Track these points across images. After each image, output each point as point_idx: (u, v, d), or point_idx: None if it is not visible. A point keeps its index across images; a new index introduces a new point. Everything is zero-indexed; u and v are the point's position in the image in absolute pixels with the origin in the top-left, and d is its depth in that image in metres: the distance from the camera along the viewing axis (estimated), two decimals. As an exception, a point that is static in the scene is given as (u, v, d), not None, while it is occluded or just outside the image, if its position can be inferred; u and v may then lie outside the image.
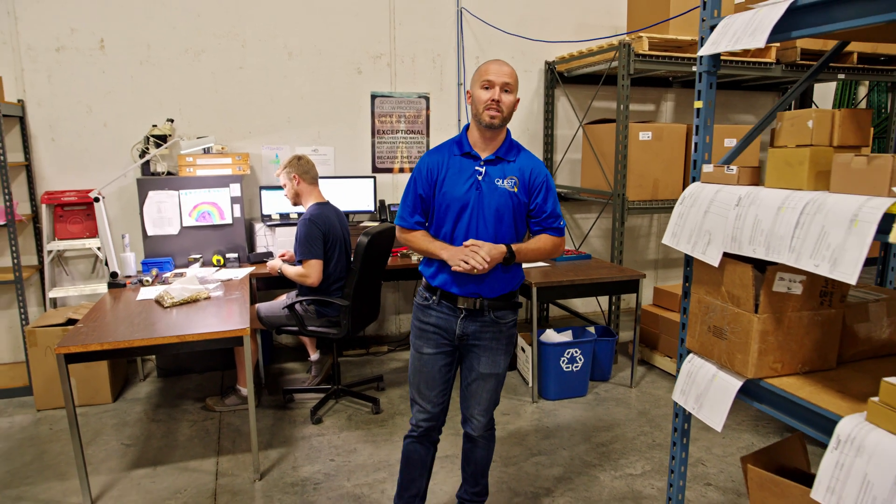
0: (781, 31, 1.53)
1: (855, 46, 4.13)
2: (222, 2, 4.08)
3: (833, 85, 5.87)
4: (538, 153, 4.87)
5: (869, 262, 1.33)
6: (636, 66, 3.91)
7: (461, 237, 2.05)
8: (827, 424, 1.46)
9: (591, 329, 3.96)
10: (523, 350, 3.83)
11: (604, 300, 4.94)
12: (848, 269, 1.30)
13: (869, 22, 1.36)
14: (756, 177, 1.66)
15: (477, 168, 2.06)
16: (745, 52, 4.11)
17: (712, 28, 1.77)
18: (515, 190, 2.06)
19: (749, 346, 1.64)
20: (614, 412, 3.51)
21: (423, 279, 2.19)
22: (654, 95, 5.19)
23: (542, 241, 2.12)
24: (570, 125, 4.91)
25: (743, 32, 1.56)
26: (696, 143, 1.87)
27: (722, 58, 4.08)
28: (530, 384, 3.68)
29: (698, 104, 1.82)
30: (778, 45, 4.15)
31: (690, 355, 1.88)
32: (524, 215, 2.11)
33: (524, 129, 4.85)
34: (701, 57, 1.78)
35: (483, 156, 2.07)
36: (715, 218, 1.68)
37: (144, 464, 2.96)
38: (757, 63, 4.17)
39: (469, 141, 2.09)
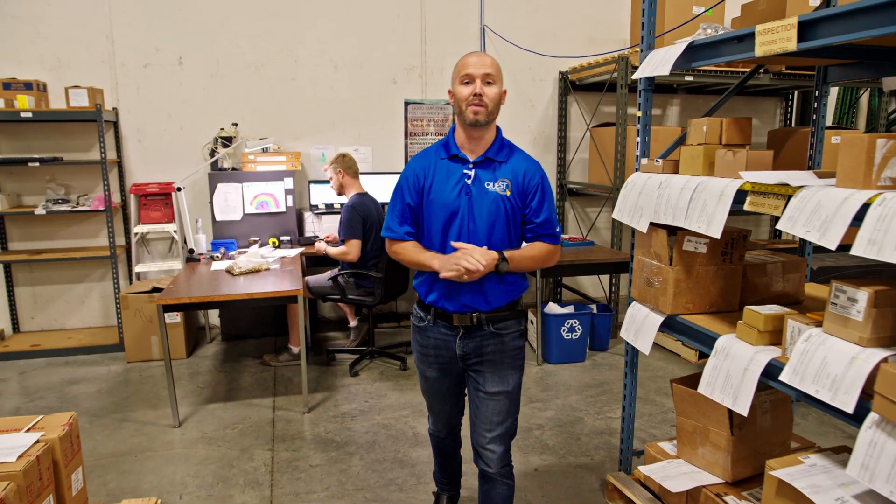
0: (686, 62, 2.13)
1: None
2: (279, 24, 4.82)
3: (835, 91, 6.28)
4: (552, 154, 5.47)
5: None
6: (634, 77, 4.47)
7: (451, 248, 1.91)
8: (713, 343, 2.05)
9: (593, 307, 4.55)
10: (532, 322, 4.44)
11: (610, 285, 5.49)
12: (715, 229, 1.89)
13: (743, 58, 1.95)
14: (675, 167, 2.26)
15: (465, 171, 1.93)
16: (736, 64, 4.62)
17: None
18: (507, 193, 1.92)
19: (667, 291, 2.23)
20: (607, 374, 4.09)
21: (417, 297, 2.09)
22: (659, 101, 5.72)
23: (537, 248, 1.99)
24: (581, 128, 5.49)
25: (658, 63, 2.16)
26: (637, 143, 2.47)
27: (718, 69, 4.66)
28: (536, 350, 4.29)
29: (638, 113, 2.42)
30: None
31: (633, 302, 2.48)
32: (518, 220, 1.97)
33: (540, 131, 5.44)
34: (639, 79, 2.38)
35: (471, 158, 1.94)
36: (645, 197, 2.27)
37: (216, 400, 3.69)
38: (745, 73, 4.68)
39: (456, 142, 1.96)
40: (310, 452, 3.05)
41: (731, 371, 1.90)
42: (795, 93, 5.95)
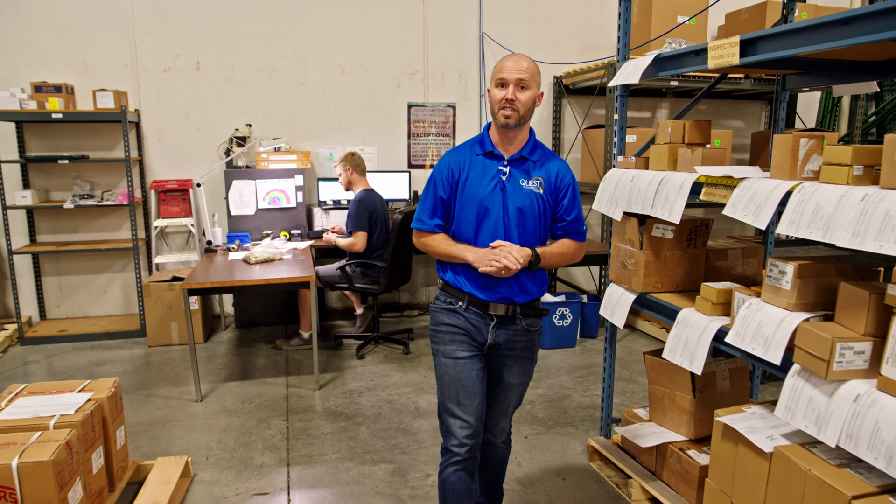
0: (654, 72, 2.44)
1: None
2: (290, 32, 5.14)
3: (817, 95, 6.59)
4: (547, 153, 5.78)
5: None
6: (609, 85, 4.78)
7: (485, 240, 1.95)
8: (676, 315, 2.36)
9: (584, 297, 4.85)
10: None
11: (600, 276, 5.80)
12: (676, 215, 2.21)
13: (700, 69, 2.26)
14: (646, 164, 2.57)
15: (501, 168, 1.98)
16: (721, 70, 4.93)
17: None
18: (541, 191, 1.98)
19: (639, 272, 2.54)
20: (595, 358, 4.40)
21: (443, 282, 2.09)
22: (650, 104, 6.03)
23: (566, 245, 2.05)
24: (574, 129, 5.81)
25: (630, 73, 2.47)
26: (615, 143, 2.78)
27: (703, 75, 4.96)
28: (529, 336, 4.60)
29: (615, 116, 2.74)
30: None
31: (611, 284, 2.79)
32: (549, 217, 2.04)
33: (537, 132, 5.75)
34: (615, 87, 2.70)
35: (506, 155, 1.99)
36: (620, 190, 2.58)
37: (233, 379, 4.01)
38: (732, 78, 4.99)
39: (491, 140, 2.01)
40: (321, 422, 3.36)
41: (689, 338, 2.21)
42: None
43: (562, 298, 4.67)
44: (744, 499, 1.93)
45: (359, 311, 4.84)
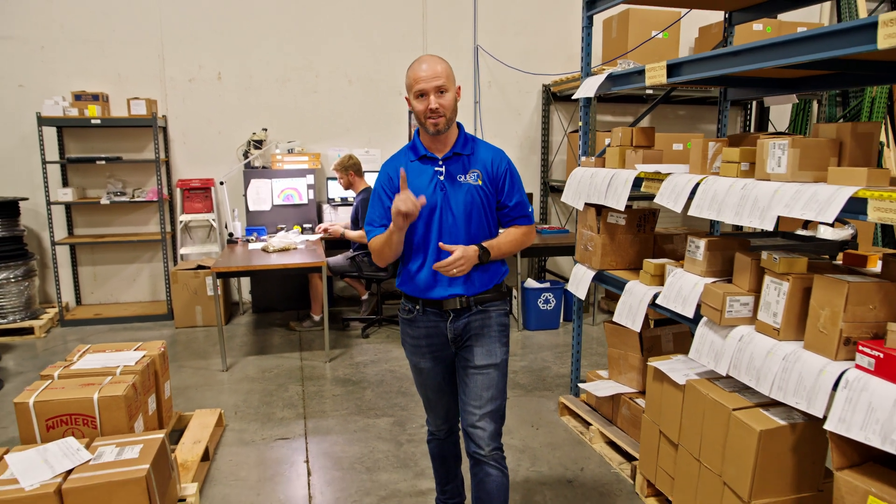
0: (608, 87, 2.97)
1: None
2: (302, 45, 5.68)
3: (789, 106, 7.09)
4: (537, 156, 6.30)
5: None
6: (574, 97, 5.30)
7: (434, 241, 1.98)
8: (624, 286, 2.87)
9: (567, 284, 5.37)
10: (515, 297, 5.27)
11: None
12: (621, 204, 2.73)
13: (641, 86, 2.77)
14: (603, 163, 3.09)
15: (437, 169, 2.00)
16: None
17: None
18: (480, 183, 2.01)
19: (597, 252, 3.06)
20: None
21: (400, 290, 2.13)
22: (632, 110, 6.53)
23: (513, 233, 2.09)
24: (561, 133, 6.33)
25: (590, 88, 3.00)
26: (580, 145, 3.30)
27: (681, 84, 5.47)
28: (517, 318, 5.12)
29: (581, 123, 3.26)
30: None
31: (576, 264, 3.31)
32: (493, 207, 2.06)
33: (526, 136, 6.28)
34: (580, 98, 3.22)
35: (440, 155, 2.01)
36: (583, 185, 3.10)
37: (253, 353, 4.54)
38: (704, 88, 5.50)
39: (423, 144, 2.03)
40: (332, 387, 3.89)
41: (632, 304, 2.74)
42: (753, 103, 6.77)
43: (546, 285, 5.19)
44: (667, 424, 2.44)
45: (364, 296, 5.37)
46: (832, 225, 3.85)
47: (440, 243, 1.95)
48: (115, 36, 5.34)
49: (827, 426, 1.70)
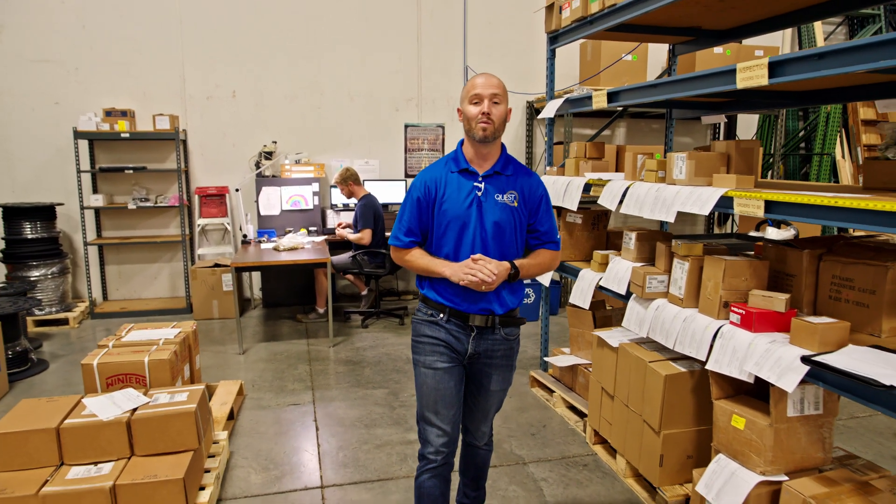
0: (567, 109, 3.57)
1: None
2: (308, 66, 6.30)
3: (756, 117, 7.71)
4: (522, 165, 6.90)
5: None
6: (539, 117, 5.93)
7: (465, 255, 2.00)
8: (579, 273, 3.46)
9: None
10: (499, 292, 5.86)
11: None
12: (574, 205, 3.33)
13: (594, 108, 3.37)
14: (563, 172, 3.69)
15: (476, 184, 2.02)
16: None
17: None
18: (515, 205, 2.03)
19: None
20: (552, 328, 5.50)
21: (422, 296, 2.13)
22: (611, 124, 7.16)
23: (542, 255, 2.13)
24: (543, 145, 6.94)
25: (552, 109, 3.61)
26: (545, 157, 3.90)
27: (621, 107, 6.08)
28: (501, 312, 5.70)
29: (546, 138, 3.86)
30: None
31: (544, 257, 3.90)
32: (524, 229, 2.09)
33: (513, 148, 6.89)
34: (546, 119, 3.82)
35: (480, 171, 2.04)
36: (549, 190, 3.70)
37: (265, 340, 5.13)
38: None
39: (465, 157, 2.06)
40: (336, 366, 4.48)
41: (583, 287, 3.33)
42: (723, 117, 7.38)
43: (528, 281, 5.78)
44: (606, 381, 3.03)
45: (364, 292, 5.96)
46: (778, 227, 4.46)
47: (478, 255, 1.99)
48: (141, 57, 5.97)
49: (707, 366, 2.29)
